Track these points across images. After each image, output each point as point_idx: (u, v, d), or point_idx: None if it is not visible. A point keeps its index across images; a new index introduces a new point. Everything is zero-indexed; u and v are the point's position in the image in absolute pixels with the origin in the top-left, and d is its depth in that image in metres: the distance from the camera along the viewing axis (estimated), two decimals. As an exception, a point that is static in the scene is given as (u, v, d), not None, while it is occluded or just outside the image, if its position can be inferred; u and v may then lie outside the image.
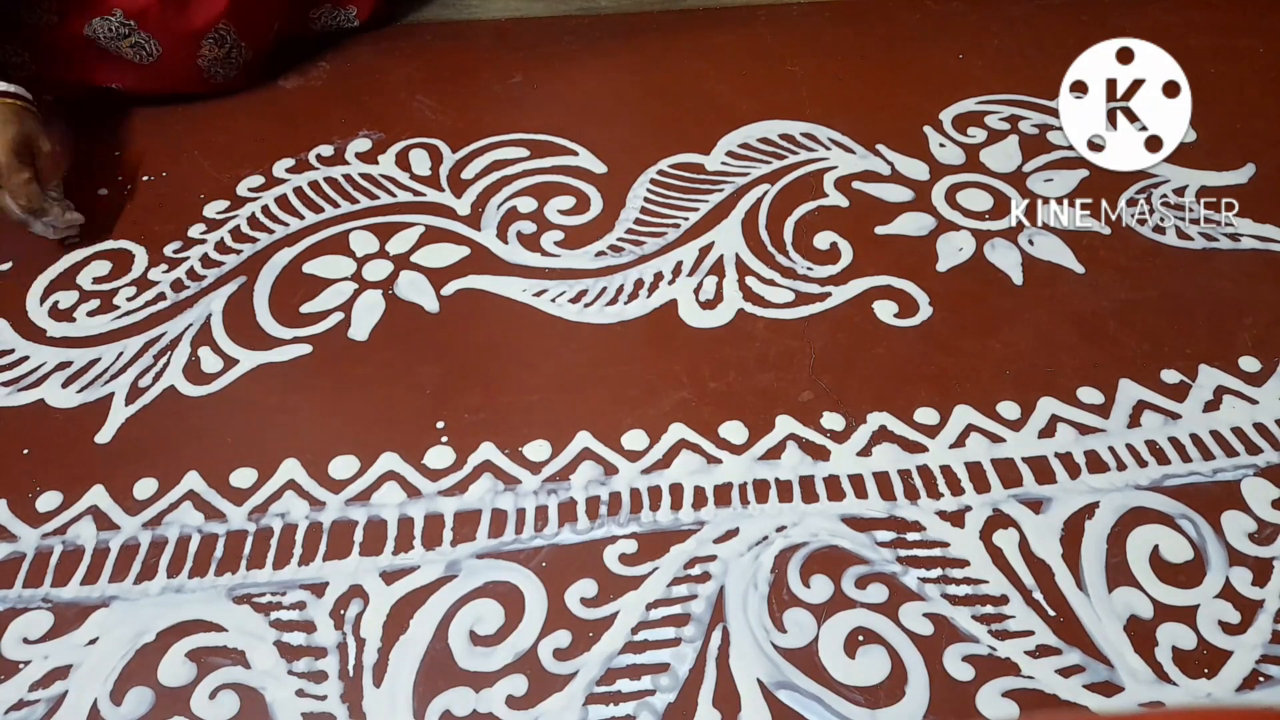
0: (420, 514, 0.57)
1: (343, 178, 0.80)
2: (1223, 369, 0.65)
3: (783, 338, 0.67)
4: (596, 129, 0.85)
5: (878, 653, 0.51)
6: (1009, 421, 0.62)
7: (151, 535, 0.56)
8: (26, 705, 0.50)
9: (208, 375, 0.65)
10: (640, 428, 0.62)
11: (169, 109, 0.86)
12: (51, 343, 0.68)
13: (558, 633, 0.52)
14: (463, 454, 0.60)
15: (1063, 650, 0.51)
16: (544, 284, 0.71)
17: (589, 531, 0.57)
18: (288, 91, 0.90)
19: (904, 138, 0.84)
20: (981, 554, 0.55)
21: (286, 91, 0.90)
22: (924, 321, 0.69)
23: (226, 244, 0.74)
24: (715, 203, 0.78)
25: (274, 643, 0.52)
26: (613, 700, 0.49)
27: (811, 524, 0.56)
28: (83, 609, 0.53)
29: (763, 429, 0.61)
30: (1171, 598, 0.53)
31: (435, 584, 0.54)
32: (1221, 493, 0.58)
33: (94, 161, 0.82)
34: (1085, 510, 0.57)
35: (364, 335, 0.68)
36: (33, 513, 0.58)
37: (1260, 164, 0.81)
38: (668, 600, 0.53)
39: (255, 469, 0.60)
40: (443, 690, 0.50)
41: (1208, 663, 0.51)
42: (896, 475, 0.59)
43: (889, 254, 0.74)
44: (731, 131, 0.85)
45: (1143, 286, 0.71)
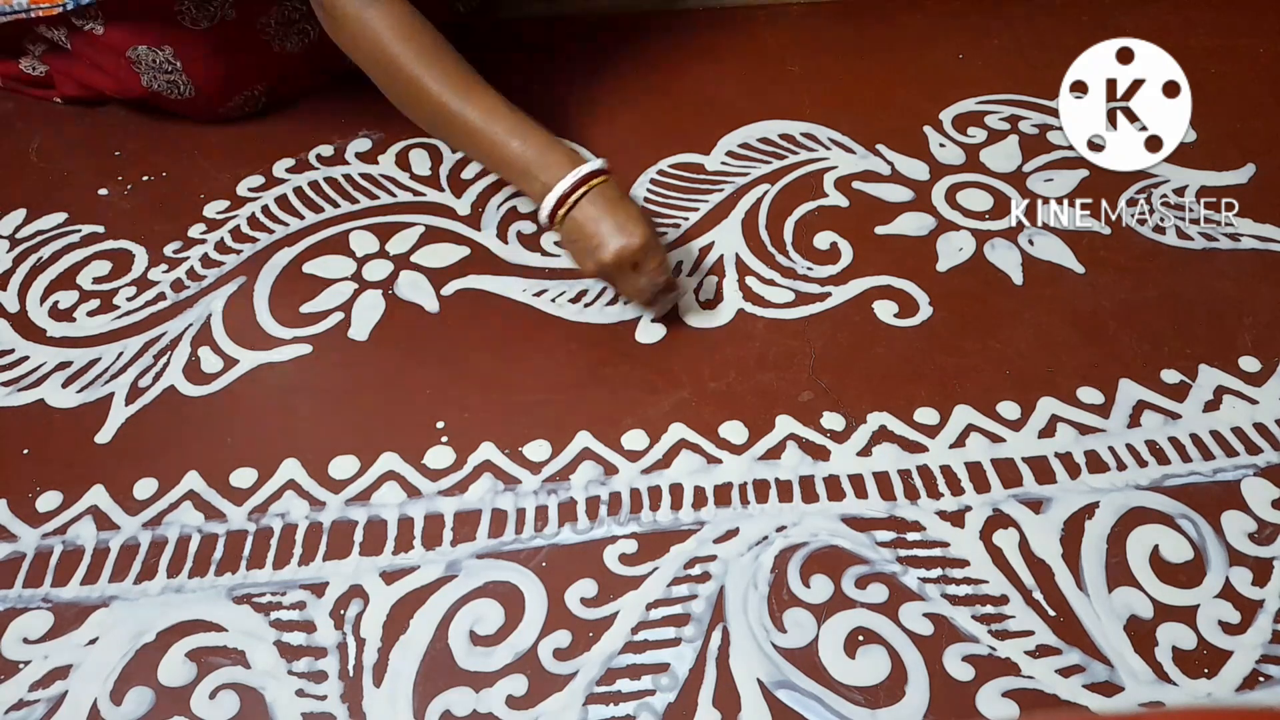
0: (420, 514, 0.57)
1: (343, 178, 0.80)
2: (1223, 369, 0.65)
3: (783, 338, 0.67)
4: (596, 129, 0.85)
5: (878, 653, 0.51)
6: (1009, 421, 0.62)
7: (151, 535, 0.56)
8: (26, 705, 0.50)
9: (208, 375, 0.65)
10: (640, 428, 0.62)
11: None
12: (51, 343, 0.68)
13: (558, 633, 0.52)
14: (463, 454, 0.60)
15: (1063, 650, 0.51)
16: (544, 284, 0.71)
17: (589, 531, 0.57)
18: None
19: (904, 138, 0.84)
20: (981, 554, 0.55)
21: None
22: (924, 321, 0.69)
23: (226, 244, 0.74)
24: (715, 203, 0.78)
25: (274, 643, 0.52)
26: (613, 700, 0.49)
27: (811, 524, 0.56)
28: (83, 609, 0.53)
29: (763, 429, 0.61)
30: (1171, 598, 0.53)
31: (435, 584, 0.54)
32: (1221, 493, 0.58)
33: (94, 161, 0.82)
34: (1085, 510, 0.57)
35: (364, 335, 0.68)
36: (33, 513, 0.58)
37: (1260, 164, 0.81)
38: (668, 600, 0.53)
39: (255, 469, 0.60)
40: (443, 690, 0.50)
41: (1208, 663, 0.51)
42: (896, 475, 0.59)
43: (889, 254, 0.74)
44: (731, 131, 0.85)
45: (1143, 286, 0.71)
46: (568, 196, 0.61)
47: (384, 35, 0.62)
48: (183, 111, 0.83)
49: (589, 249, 0.61)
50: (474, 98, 0.62)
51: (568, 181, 0.60)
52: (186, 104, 0.81)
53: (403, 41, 0.62)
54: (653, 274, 0.62)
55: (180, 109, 0.83)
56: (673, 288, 0.65)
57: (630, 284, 0.63)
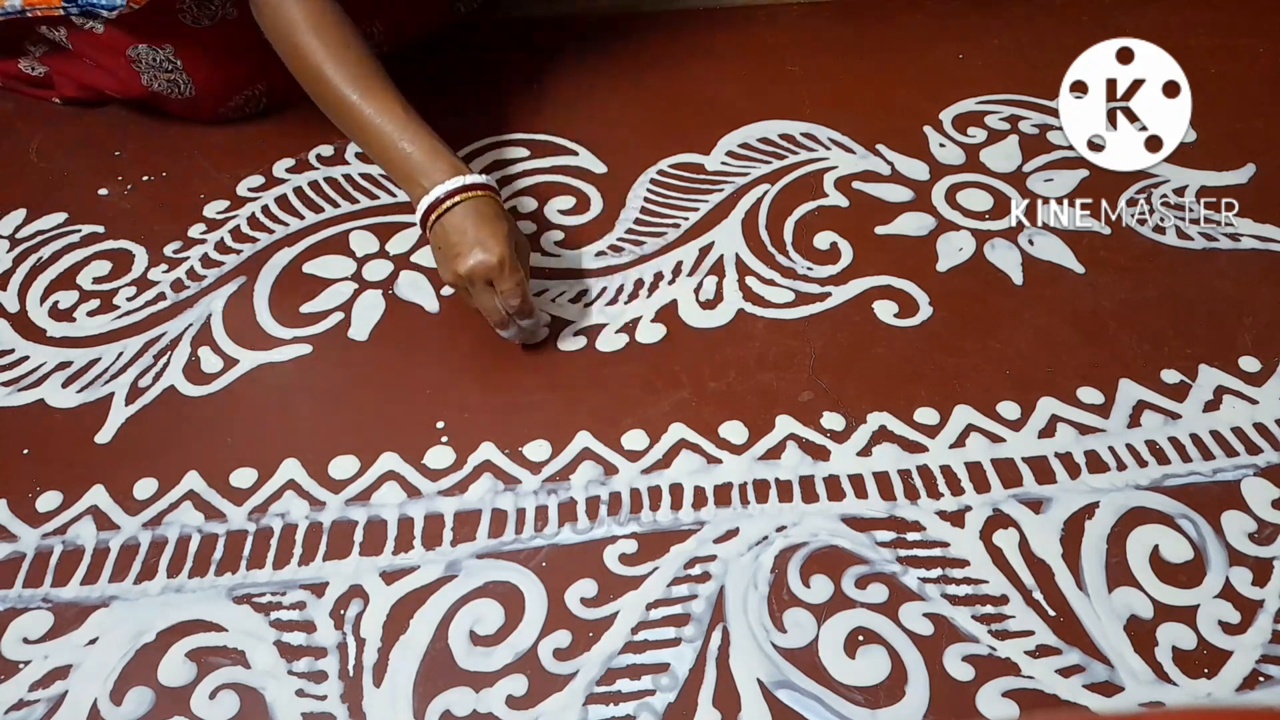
0: (420, 514, 0.57)
1: (343, 177, 0.80)
2: (1223, 369, 0.65)
3: (783, 338, 0.67)
4: (596, 129, 0.85)
5: (878, 653, 0.51)
6: (1009, 421, 0.62)
7: (151, 535, 0.56)
8: (26, 705, 0.50)
9: (208, 375, 0.65)
10: (640, 428, 0.62)
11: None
12: (51, 343, 0.68)
13: (558, 633, 0.52)
14: (463, 454, 0.60)
15: (1063, 650, 0.51)
16: (544, 284, 0.71)
17: (589, 531, 0.57)
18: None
19: (904, 138, 0.84)
20: (981, 554, 0.55)
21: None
22: (924, 321, 0.69)
23: (226, 244, 0.74)
24: (715, 203, 0.78)
25: (274, 643, 0.52)
26: (613, 700, 0.49)
27: (811, 524, 0.56)
28: (83, 609, 0.53)
29: (763, 429, 0.61)
30: (1171, 598, 0.53)
31: (435, 584, 0.54)
32: (1221, 493, 0.58)
33: (94, 161, 0.82)
34: (1085, 510, 0.57)
35: (364, 335, 0.68)
36: (33, 513, 0.58)
37: (1260, 164, 0.81)
38: (668, 600, 0.53)
39: (255, 469, 0.60)
40: (443, 690, 0.50)
41: (1208, 663, 0.51)
42: (896, 475, 0.59)
43: (889, 254, 0.74)
44: (731, 131, 0.85)
45: (1143, 286, 0.71)
46: (440, 203, 0.61)
47: (297, 25, 0.64)
48: (183, 111, 0.83)
49: (449, 258, 0.61)
50: (371, 95, 0.63)
51: (443, 189, 0.61)
52: (187, 104, 0.81)
53: (312, 32, 0.64)
54: (505, 295, 0.61)
55: (180, 109, 0.83)
56: (528, 314, 0.63)
57: (483, 300, 0.62)
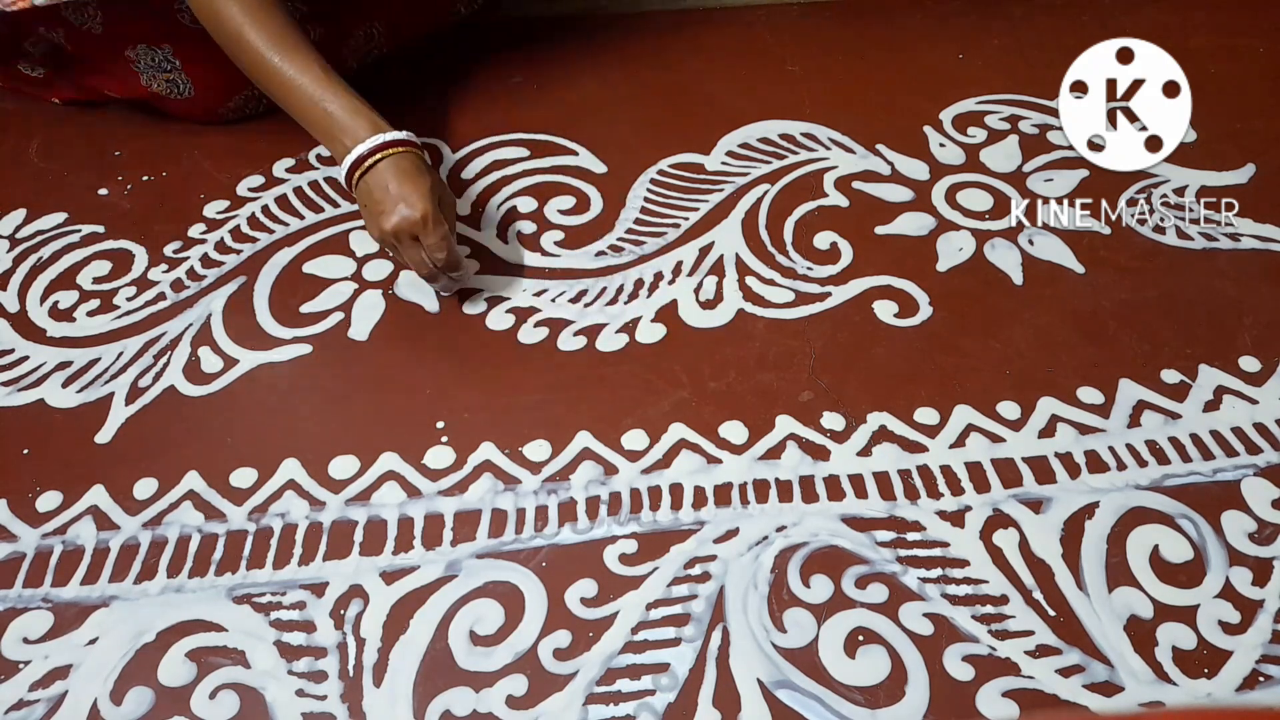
0: (420, 514, 0.57)
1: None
2: (1223, 369, 0.65)
3: (783, 338, 0.67)
4: (596, 129, 0.85)
5: (878, 653, 0.51)
6: (1009, 421, 0.62)
7: (151, 535, 0.56)
8: (26, 705, 0.50)
9: (208, 375, 0.65)
10: (640, 428, 0.62)
11: (169, 109, 0.86)
12: (51, 343, 0.68)
13: (558, 633, 0.52)
14: (463, 454, 0.60)
15: (1063, 650, 0.51)
16: (544, 284, 0.71)
17: (589, 531, 0.57)
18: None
19: (904, 138, 0.84)
20: (981, 554, 0.55)
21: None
22: (924, 321, 0.69)
23: (226, 244, 0.74)
24: (715, 203, 0.78)
25: (274, 643, 0.52)
26: (613, 700, 0.50)
27: (811, 524, 0.56)
28: (83, 609, 0.53)
29: (763, 429, 0.61)
30: (1171, 598, 0.53)
31: (435, 584, 0.54)
32: (1221, 493, 0.58)
33: (94, 161, 0.82)
34: (1085, 510, 0.57)
35: (364, 335, 0.68)
36: (33, 513, 0.58)
37: (1260, 164, 0.81)
38: (668, 600, 0.53)
39: (255, 469, 0.60)
40: (443, 690, 0.50)
41: (1208, 663, 0.51)
42: (896, 475, 0.59)
43: (889, 254, 0.74)
44: (731, 131, 0.85)
45: (1143, 286, 0.71)
46: (363, 160, 0.63)
47: None
48: (182, 111, 0.83)
49: (374, 215, 0.63)
50: (291, 56, 0.64)
51: (365, 146, 0.63)
52: (186, 104, 0.81)
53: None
54: (431, 249, 0.62)
55: (180, 109, 0.83)
56: (455, 267, 0.65)
57: (411, 255, 0.64)
